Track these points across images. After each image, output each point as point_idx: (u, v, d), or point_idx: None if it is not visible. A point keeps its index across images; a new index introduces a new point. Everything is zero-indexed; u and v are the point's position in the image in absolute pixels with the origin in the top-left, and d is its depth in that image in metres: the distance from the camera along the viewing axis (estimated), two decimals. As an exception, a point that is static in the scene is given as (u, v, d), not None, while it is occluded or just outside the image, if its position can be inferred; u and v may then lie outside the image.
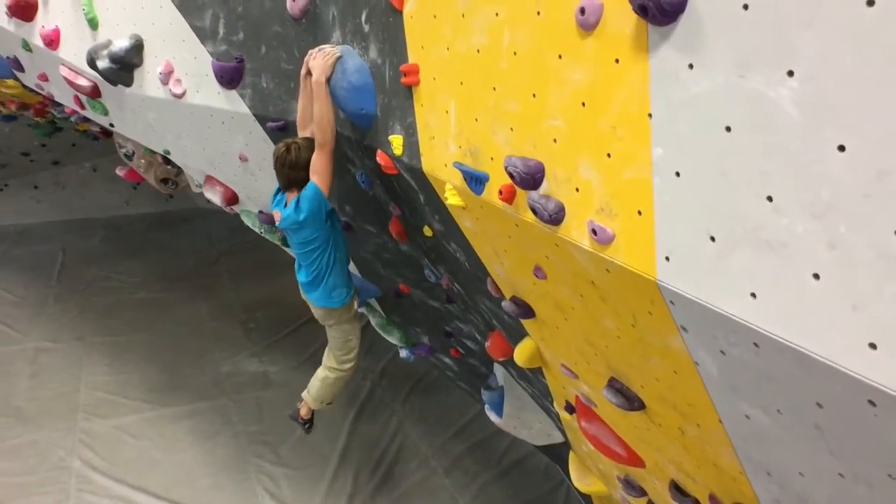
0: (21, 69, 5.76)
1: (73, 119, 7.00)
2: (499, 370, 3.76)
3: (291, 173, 3.07)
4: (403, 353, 4.76)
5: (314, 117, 2.84)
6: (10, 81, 6.62)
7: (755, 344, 1.30)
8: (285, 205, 3.21)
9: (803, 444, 1.37)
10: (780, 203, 1.20)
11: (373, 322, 4.78)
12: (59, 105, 6.40)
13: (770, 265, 1.23)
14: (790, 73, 1.14)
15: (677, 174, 1.39)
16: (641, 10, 1.36)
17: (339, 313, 3.62)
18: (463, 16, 1.99)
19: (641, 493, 2.53)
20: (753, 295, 1.27)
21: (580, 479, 3.19)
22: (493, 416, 3.85)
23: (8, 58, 5.76)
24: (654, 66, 1.40)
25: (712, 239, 1.33)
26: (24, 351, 7.30)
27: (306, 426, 4.23)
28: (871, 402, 1.12)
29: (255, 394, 6.61)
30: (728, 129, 1.27)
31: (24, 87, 6.37)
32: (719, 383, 1.53)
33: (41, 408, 6.31)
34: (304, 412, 4.17)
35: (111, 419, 6.17)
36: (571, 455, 3.31)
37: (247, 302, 8.35)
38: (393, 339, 4.67)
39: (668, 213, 1.43)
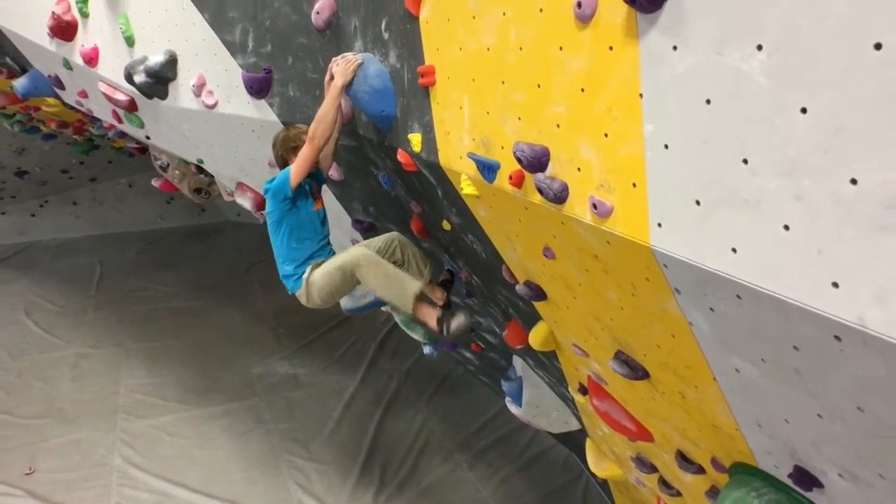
0: (62, 87, 6.07)
1: (110, 134, 7.32)
2: (517, 362, 3.89)
3: (276, 151, 3.36)
4: (427, 350, 4.91)
5: (318, 112, 2.99)
6: (51, 100, 6.96)
7: (738, 296, 1.43)
8: None
9: (786, 390, 1.49)
10: (754, 164, 1.33)
11: (397, 319, 4.94)
12: (98, 121, 6.72)
13: (747, 221, 1.36)
14: (759, 48, 1.29)
15: (666, 147, 1.53)
16: (630, 1, 1.52)
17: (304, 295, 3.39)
18: (474, 17, 2.16)
19: (653, 469, 2.64)
20: (734, 250, 1.40)
21: (597, 465, 3.30)
22: (513, 408, 3.97)
23: (50, 76, 6.08)
24: (644, 50, 1.55)
25: (697, 203, 1.47)
26: (66, 357, 7.63)
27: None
28: (837, 338, 1.24)
29: (286, 394, 6.82)
30: (708, 101, 1.41)
31: (64, 104, 6.70)
32: (711, 340, 1.65)
33: (83, 409, 6.60)
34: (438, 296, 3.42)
35: (149, 419, 6.43)
36: (588, 442, 3.43)
37: (276, 308, 8.61)
38: (417, 335, 4.81)
39: (659, 183, 1.57)
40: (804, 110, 1.22)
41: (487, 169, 2.18)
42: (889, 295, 1.13)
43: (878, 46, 1.09)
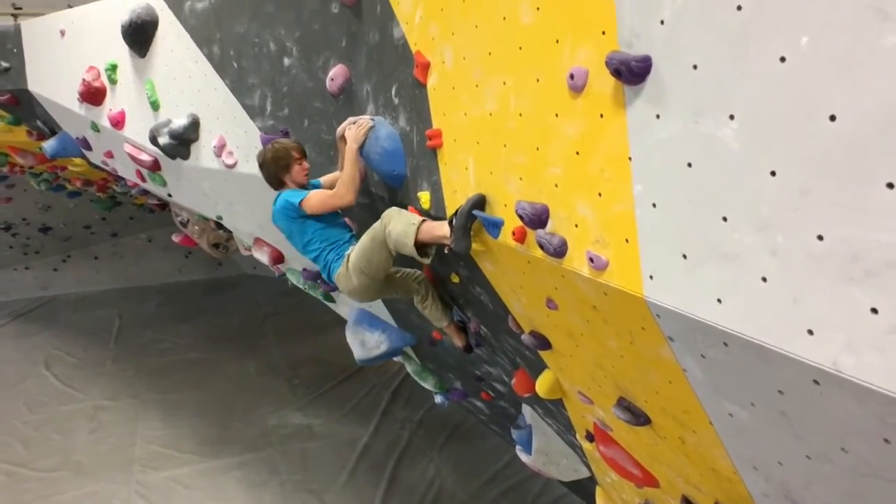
0: (89, 148, 6.36)
1: (133, 192, 7.59)
2: (526, 410, 3.94)
3: (267, 170, 3.33)
4: (438, 399, 4.96)
5: (342, 175, 3.11)
6: (78, 160, 7.28)
7: (725, 343, 1.53)
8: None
9: (775, 433, 1.57)
10: (732, 221, 1.45)
11: (409, 369, 5.01)
12: (122, 179, 7.00)
13: (729, 274, 1.47)
14: (731, 117, 1.42)
15: (654, 205, 1.66)
16: (617, 74, 1.67)
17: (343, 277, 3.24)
18: (477, 86, 2.33)
19: (663, 515, 2.67)
20: (719, 300, 1.51)
21: (609, 513, 3.32)
22: (523, 456, 4.00)
23: (77, 138, 6.38)
24: (631, 117, 1.70)
25: (684, 256, 1.59)
26: (84, 409, 7.73)
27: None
28: (816, 382, 1.33)
29: (300, 445, 6.85)
30: (689, 164, 1.54)
31: (90, 164, 7.00)
32: (704, 385, 1.74)
33: (100, 461, 6.67)
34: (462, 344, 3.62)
35: (165, 471, 6.48)
36: (598, 490, 3.45)
37: (291, 360, 8.72)
38: (428, 385, 4.88)
39: (649, 239, 1.69)
40: (773, 173, 1.35)
41: (492, 225, 2.31)
42: (858, 341, 1.23)
43: (832, 118, 1.22)
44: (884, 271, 1.16)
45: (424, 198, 2.82)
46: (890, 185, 1.14)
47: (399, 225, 2.81)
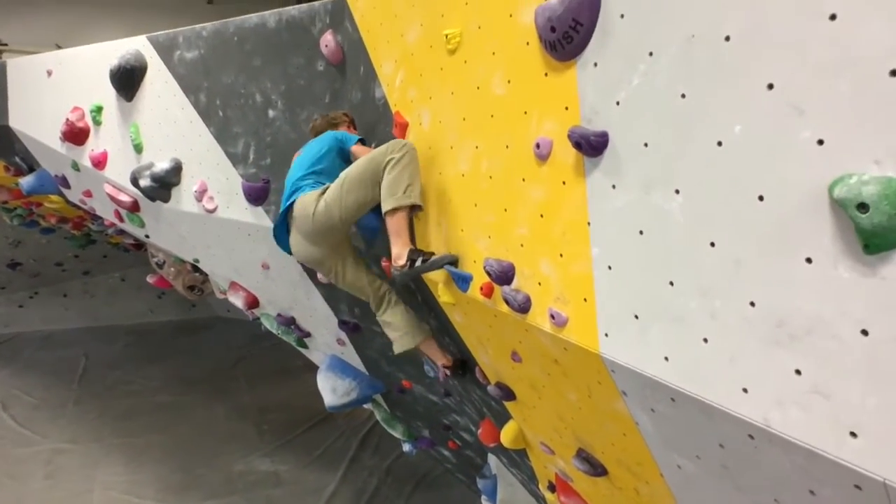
0: (67, 186, 6.39)
1: (109, 231, 7.59)
2: (492, 460, 4.00)
3: (319, 125, 3.27)
4: (406, 448, 4.99)
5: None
6: (55, 197, 7.29)
7: (672, 399, 1.65)
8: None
9: (719, 484, 1.68)
10: (678, 286, 1.59)
11: (378, 417, 5.04)
12: (99, 219, 7.02)
13: (675, 334, 1.60)
14: (677, 192, 1.57)
15: (610, 267, 1.80)
16: (578, 146, 1.83)
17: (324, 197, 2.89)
18: (451, 147, 2.49)
19: (622, 566, 2.74)
20: (666, 358, 1.63)
21: (572, 564, 3.35)
22: (489, 506, 4.05)
23: (56, 175, 6.42)
24: (590, 186, 1.85)
25: (636, 317, 1.72)
26: (41, 453, 7.50)
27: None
28: (751, 436, 1.45)
29: (266, 492, 6.73)
30: (641, 232, 1.69)
31: (67, 202, 7.01)
32: (655, 438, 1.85)
33: (54, 509, 6.45)
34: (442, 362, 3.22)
35: (124, 519, 6.30)
36: (563, 540, 3.49)
37: (261, 404, 8.61)
38: (397, 433, 4.91)
39: (605, 298, 1.82)
40: (713, 244, 1.49)
41: (462, 280, 2.43)
42: (785, 399, 1.36)
43: (761, 198, 1.37)
44: (804, 336, 1.30)
45: (399, 251, 2.93)
46: (808, 260, 1.28)
47: (403, 177, 2.57)
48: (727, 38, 1.41)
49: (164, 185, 4.71)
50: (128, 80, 4.85)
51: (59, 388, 9.23)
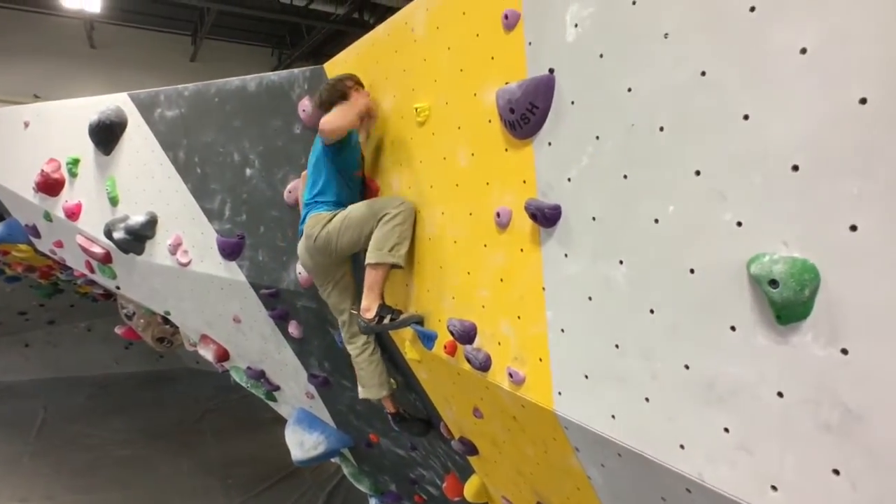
0: (37, 236, 6.38)
1: (79, 281, 7.54)
2: (460, 515, 4.02)
3: (322, 95, 3.06)
4: (373, 502, 4.96)
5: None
6: (23, 246, 7.25)
7: (619, 454, 1.77)
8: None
9: (664, 537, 1.79)
10: (623, 349, 1.73)
11: (345, 471, 5.03)
12: (68, 269, 6.98)
13: (620, 393, 1.73)
14: (621, 262, 1.73)
15: (562, 330, 1.93)
16: (533, 217, 1.99)
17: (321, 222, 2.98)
18: (419, 212, 2.64)
19: None
20: (613, 416, 1.75)
21: None
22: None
23: (27, 225, 6.42)
24: (545, 254, 2.00)
25: (586, 377, 1.84)
26: (-11, 511, 7.24)
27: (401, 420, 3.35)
28: (688, 490, 1.57)
29: (229, 551, 6.56)
30: (590, 298, 1.83)
31: (36, 251, 6.98)
32: (605, 491, 1.96)
33: (0, 571, 6.20)
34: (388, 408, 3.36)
35: (76, 580, 6.05)
36: None
37: (227, 458, 8.43)
38: (363, 487, 4.89)
39: (558, 359, 1.95)
40: (652, 311, 1.64)
41: (427, 338, 2.54)
42: (716, 455, 1.49)
43: (692, 271, 1.53)
44: (730, 397, 1.44)
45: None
46: (733, 328, 1.43)
47: (392, 235, 2.67)
48: (661, 129, 1.59)
49: (138, 237, 4.76)
50: (107, 135, 4.95)
51: (13, 442, 8.92)
